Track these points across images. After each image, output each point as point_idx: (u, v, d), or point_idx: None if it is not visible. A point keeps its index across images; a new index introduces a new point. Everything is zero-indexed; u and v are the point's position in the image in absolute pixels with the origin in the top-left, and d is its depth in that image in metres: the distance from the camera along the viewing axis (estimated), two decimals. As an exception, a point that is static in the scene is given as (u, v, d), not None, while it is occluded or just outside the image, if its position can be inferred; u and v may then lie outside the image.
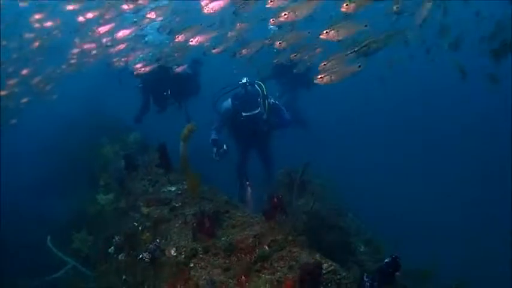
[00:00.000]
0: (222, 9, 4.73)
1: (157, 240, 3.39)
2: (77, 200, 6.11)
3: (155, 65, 6.33)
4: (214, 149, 6.31)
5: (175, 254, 3.05)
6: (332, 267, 2.54)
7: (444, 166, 11.45)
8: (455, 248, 7.96)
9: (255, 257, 2.72)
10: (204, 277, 2.66)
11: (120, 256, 3.91)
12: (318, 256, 2.68)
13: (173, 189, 4.49)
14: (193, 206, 3.88)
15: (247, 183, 7.10)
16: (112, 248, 4.12)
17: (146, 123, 8.10)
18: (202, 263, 2.83)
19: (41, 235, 5.29)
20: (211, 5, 4.64)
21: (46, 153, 8.84)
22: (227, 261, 2.79)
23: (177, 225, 3.55)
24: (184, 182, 4.50)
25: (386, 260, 2.27)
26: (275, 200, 3.24)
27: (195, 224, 3.24)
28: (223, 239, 3.11)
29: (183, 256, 2.94)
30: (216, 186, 4.54)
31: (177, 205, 3.99)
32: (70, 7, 6.50)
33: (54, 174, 7.98)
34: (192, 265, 2.83)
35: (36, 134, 9.72)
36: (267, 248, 2.81)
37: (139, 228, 3.87)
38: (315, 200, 5.29)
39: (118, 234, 4.15)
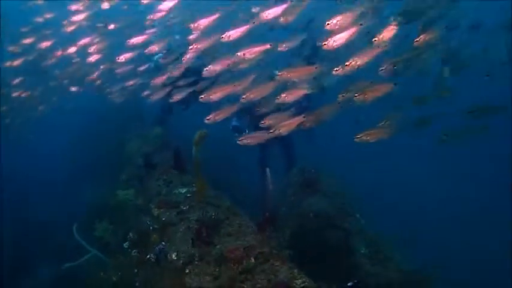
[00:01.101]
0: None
1: (163, 243, 3.84)
2: (102, 191, 6.66)
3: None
4: (237, 134, 6.63)
5: (175, 258, 3.49)
6: (305, 284, 2.88)
7: (447, 165, 11.40)
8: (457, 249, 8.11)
9: (241, 268, 3.10)
10: (195, 284, 3.07)
11: (133, 252, 4.42)
12: (295, 271, 3.03)
13: (184, 191, 4.93)
14: (198, 210, 4.30)
15: (267, 172, 7.43)
16: (127, 243, 4.65)
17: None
18: (197, 270, 3.25)
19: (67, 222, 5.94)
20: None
21: (77, 144, 9.53)
22: (217, 270, 3.20)
23: (181, 229, 3.98)
24: (194, 185, 4.93)
25: (349, 284, 2.58)
26: (267, 214, 3.60)
27: (194, 232, 3.67)
28: (217, 247, 3.51)
29: (181, 262, 3.37)
30: (221, 191, 4.96)
31: (184, 208, 4.42)
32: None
33: (83, 165, 8.66)
34: (187, 271, 3.25)
35: (68, 127, 10.44)
36: (253, 260, 3.19)
37: (150, 228, 4.34)
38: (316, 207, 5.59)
39: (133, 231, 4.67)
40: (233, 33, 4.51)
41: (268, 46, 4.35)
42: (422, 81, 4.30)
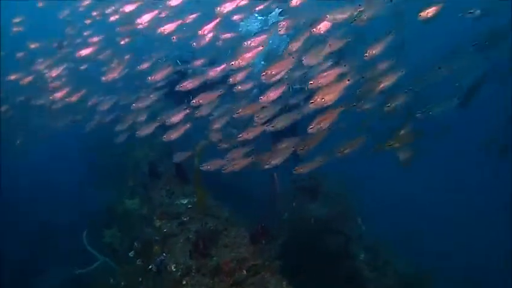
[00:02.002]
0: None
1: (164, 254, 4.07)
2: (109, 196, 6.91)
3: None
4: None
5: (174, 270, 3.72)
6: (292, 296, 3.08)
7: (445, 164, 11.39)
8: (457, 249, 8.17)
9: (232, 280, 3.31)
10: (191, 295, 3.30)
11: (138, 261, 4.66)
12: (284, 284, 3.22)
13: (185, 201, 5.15)
14: (198, 221, 4.52)
15: (275, 173, 7.57)
16: (132, 252, 4.90)
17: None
18: (193, 281, 3.47)
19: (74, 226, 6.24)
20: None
21: (88, 149, 9.84)
22: (211, 282, 3.42)
23: (181, 240, 4.20)
24: (195, 195, 5.15)
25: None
26: (260, 228, 3.81)
27: (192, 244, 3.89)
28: (214, 258, 3.72)
29: (179, 274, 3.60)
30: (222, 199, 5.17)
31: (185, 219, 4.64)
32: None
33: (94, 169, 8.95)
34: (184, 282, 3.48)
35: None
36: (244, 272, 3.40)
37: (154, 238, 4.58)
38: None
39: (137, 240, 4.91)
40: None
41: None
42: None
